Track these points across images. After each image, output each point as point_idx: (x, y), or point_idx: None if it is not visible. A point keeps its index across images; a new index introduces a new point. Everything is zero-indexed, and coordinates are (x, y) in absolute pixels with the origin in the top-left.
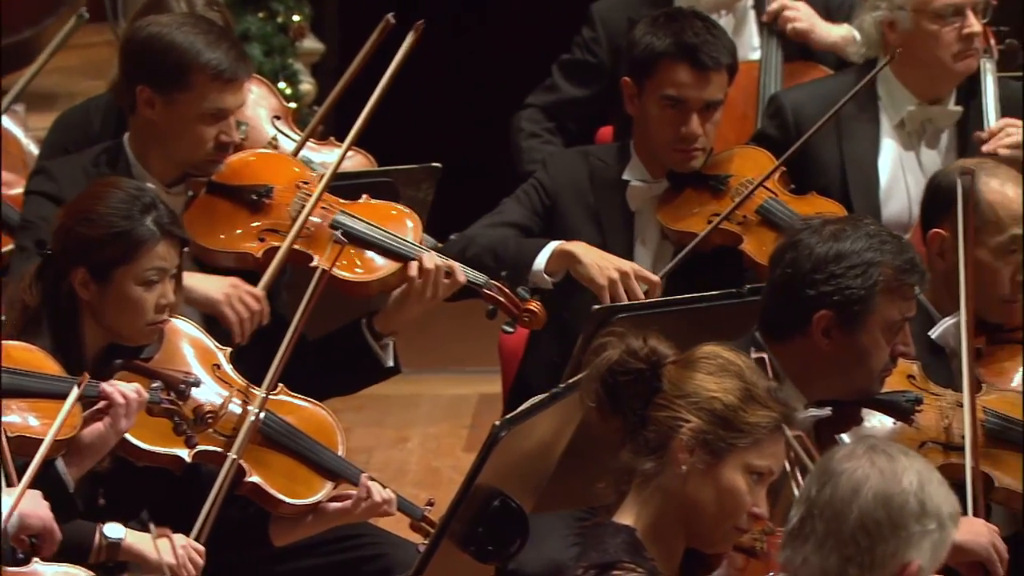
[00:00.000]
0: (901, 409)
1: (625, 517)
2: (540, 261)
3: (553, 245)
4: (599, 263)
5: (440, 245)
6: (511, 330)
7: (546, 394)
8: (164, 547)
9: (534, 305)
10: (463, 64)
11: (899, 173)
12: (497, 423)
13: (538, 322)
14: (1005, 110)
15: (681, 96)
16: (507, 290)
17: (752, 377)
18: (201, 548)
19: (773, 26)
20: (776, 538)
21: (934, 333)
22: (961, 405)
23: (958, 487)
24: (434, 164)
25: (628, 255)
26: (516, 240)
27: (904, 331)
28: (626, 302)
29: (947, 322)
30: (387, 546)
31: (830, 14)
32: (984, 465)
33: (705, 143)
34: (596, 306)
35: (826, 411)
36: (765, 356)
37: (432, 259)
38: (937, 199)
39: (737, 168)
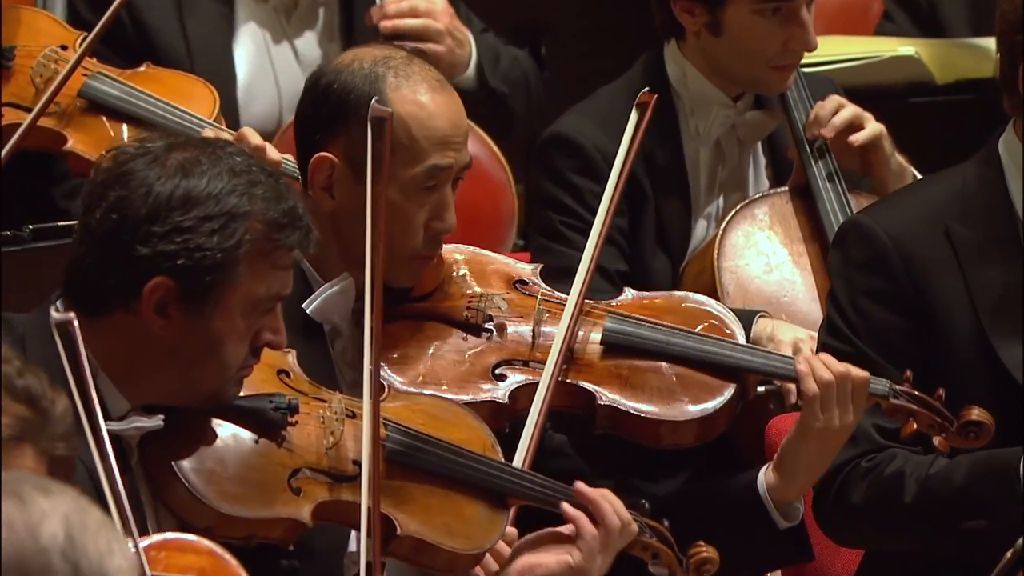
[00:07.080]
0: (268, 420)
1: None
2: None
3: None
4: None
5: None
6: None
7: None
8: None
9: None
10: None
11: (266, 65)
12: None
13: None
14: None
15: None
16: None
17: None
18: None
19: None
20: None
21: (310, 306)
22: (353, 415)
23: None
24: None
25: None
26: None
27: (275, 314)
28: None
29: (331, 289)
30: None
31: None
32: (384, 505)
33: None
34: None
35: (157, 421)
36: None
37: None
38: (326, 108)
39: (25, 36)
